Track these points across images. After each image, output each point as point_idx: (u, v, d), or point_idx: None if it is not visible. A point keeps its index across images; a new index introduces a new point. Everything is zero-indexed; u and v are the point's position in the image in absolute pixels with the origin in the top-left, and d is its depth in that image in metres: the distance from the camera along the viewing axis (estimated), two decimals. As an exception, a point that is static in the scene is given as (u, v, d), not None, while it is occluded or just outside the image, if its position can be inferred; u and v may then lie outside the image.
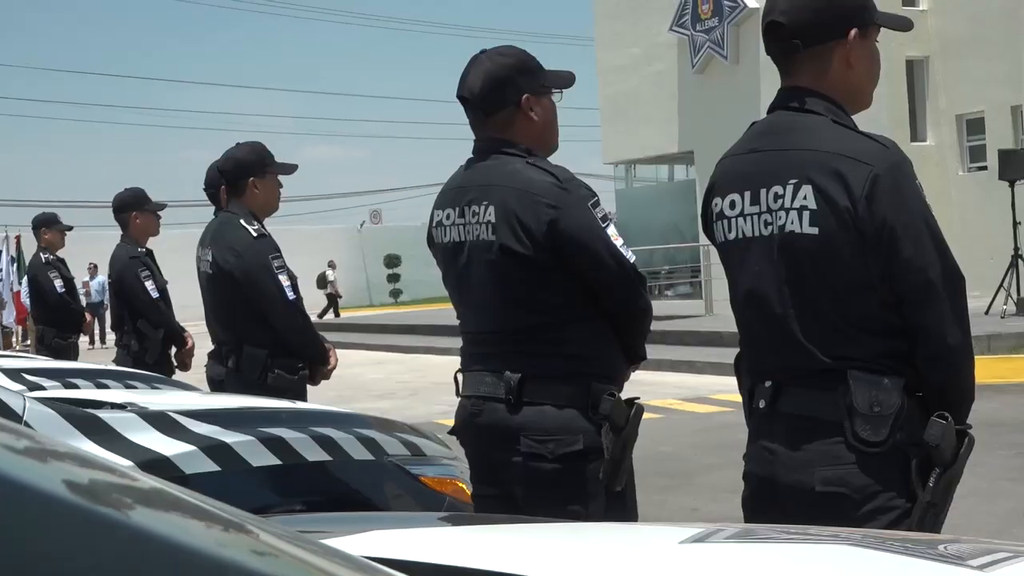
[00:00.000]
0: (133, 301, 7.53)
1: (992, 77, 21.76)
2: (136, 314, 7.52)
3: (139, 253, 7.60)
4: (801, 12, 2.73)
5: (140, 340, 7.48)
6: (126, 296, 7.59)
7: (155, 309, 7.51)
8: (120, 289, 7.65)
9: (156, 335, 7.48)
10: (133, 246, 7.65)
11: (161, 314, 7.54)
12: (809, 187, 2.62)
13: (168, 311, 7.62)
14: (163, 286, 7.62)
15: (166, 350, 7.57)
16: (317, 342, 5.53)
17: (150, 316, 7.49)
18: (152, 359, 7.40)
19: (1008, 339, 14.60)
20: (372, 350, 23.41)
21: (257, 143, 5.62)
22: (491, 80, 3.39)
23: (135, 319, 7.52)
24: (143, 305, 7.50)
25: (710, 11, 25.91)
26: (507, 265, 3.32)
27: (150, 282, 7.49)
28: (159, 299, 7.53)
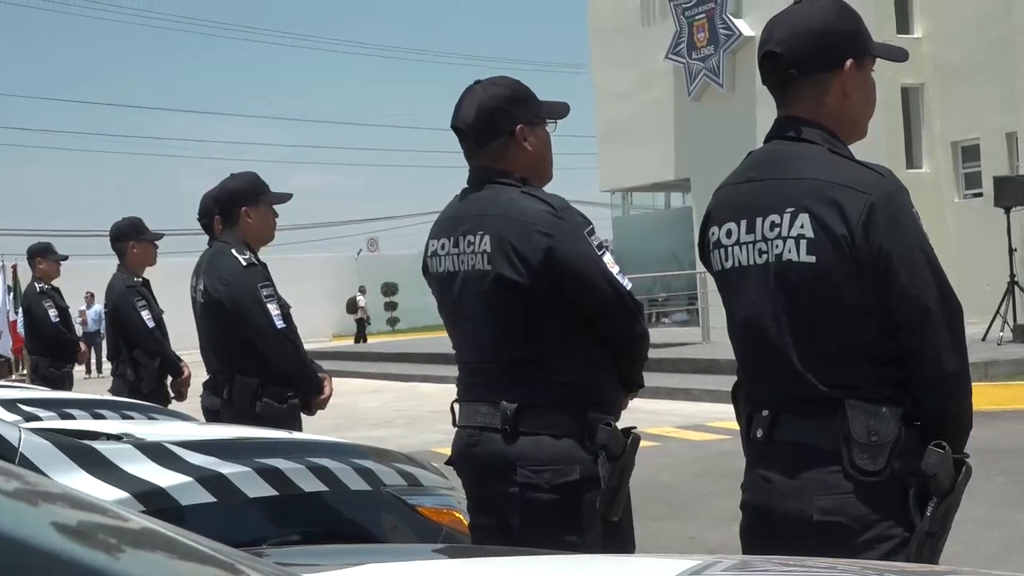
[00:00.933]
0: (129, 330, 7.54)
1: (987, 104, 21.83)
2: (132, 343, 7.52)
3: (135, 282, 7.61)
4: (797, 42, 2.74)
5: (136, 369, 7.47)
6: (122, 325, 7.59)
7: (151, 338, 7.51)
8: (116, 318, 7.65)
9: (152, 364, 7.48)
10: (129, 275, 7.65)
11: (157, 343, 7.54)
12: (806, 216, 2.62)
13: (164, 340, 7.62)
14: (159, 315, 7.63)
15: (162, 379, 7.57)
16: (308, 371, 5.53)
17: (146, 345, 7.49)
18: (148, 388, 7.40)
19: (1005, 366, 14.59)
20: (369, 378, 23.39)
21: (251, 173, 5.65)
22: (485, 111, 3.40)
23: (131, 348, 7.52)
24: (139, 334, 7.50)
25: (706, 39, 26.02)
26: (503, 294, 3.31)
27: (146, 311, 7.50)
28: (155, 328, 7.53)
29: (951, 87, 22.63)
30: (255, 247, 5.54)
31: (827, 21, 2.76)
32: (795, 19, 2.78)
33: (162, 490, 3.39)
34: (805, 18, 2.77)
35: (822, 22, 2.75)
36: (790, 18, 2.79)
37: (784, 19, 2.79)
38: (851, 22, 2.79)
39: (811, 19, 2.76)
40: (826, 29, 2.75)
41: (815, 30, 2.75)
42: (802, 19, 2.77)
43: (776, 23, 2.80)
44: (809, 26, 2.75)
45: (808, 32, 2.74)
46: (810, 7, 2.79)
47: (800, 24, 2.76)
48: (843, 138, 2.78)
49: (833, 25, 2.76)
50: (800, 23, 2.77)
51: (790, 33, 2.75)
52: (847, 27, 2.78)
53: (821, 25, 2.75)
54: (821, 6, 2.79)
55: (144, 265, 7.80)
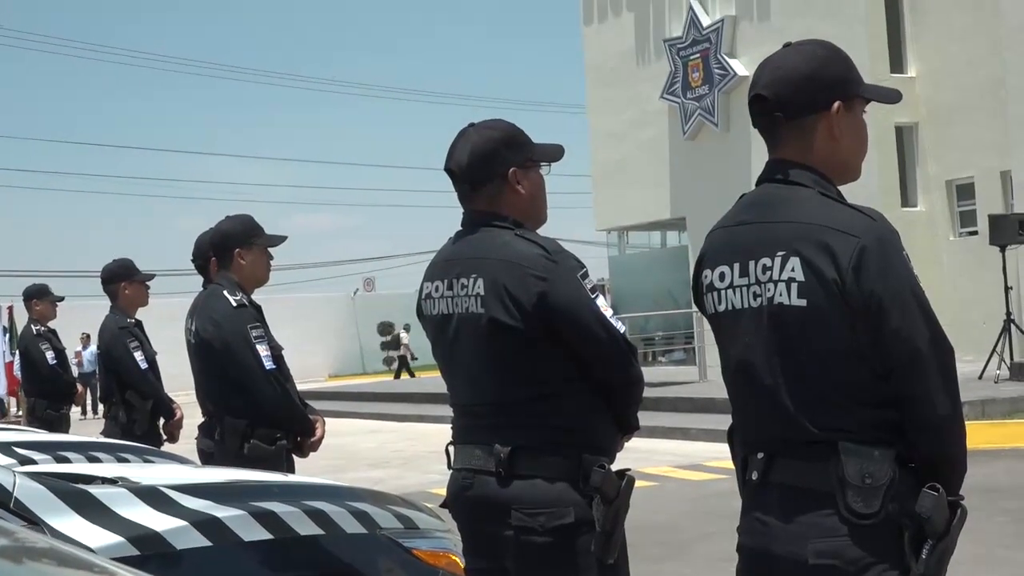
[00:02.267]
0: (121, 372, 7.52)
1: (981, 143, 21.91)
2: (125, 385, 7.51)
3: (128, 324, 7.61)
4: (784, 85, 2.76)
5: (128, 411, 7.46)
6: (115, 367, 7.58)
7: (144, 380, 7.50)
8: (109, 360, 7.64)
9: (144, 406, 7.47)
10: (122, 316, 7.65)
11: (150, 385, 7.53)
12: (797, 259, 2.63)
13: (157, 382, 7.61)
14: (152, 357, 7.62)
15: (155, 421, 7.55)
16: (298, 413, 5.53)
17: (139, 387, 7.48)
18: (141, 430, 7.38)
19: (1002, 404, 14.58)
20: (365, 418, 23.35)
21: (245, 215, 5.67)
22: (477, 154, 3.42)
23: (124, 390, 7.51)
24: (132, 376, 7.49)
25: (700, 79, 26.15)
26: (496, 337, 3.32)
27: (139, 353, 7.49)
28: (147, 370, 7.52)
29: (945, 126, 22.72)
30: (249, 289, 5.57)
31: (813, 65, 2.77)
32: (782, 62, 2.80)
33: (157, 534, 3.39)
34: (792, 62, 2.79)
35: (809, 66, 2.77)
36: (778, 61, 2.81)
37: (772, 63, 2.82)
38: (840, 66, 2.81)
39: (798, 63, 2.78)
40: (811, 73, 2.76)
41: (801, 74, 2.76)
42: (789, 63, 2.79)
43: (764, 66, 2.82)
44: (796, 70, 2.77)
45: (794, 76, 2.76)
46: (798, 51, 2.81)
47: (787, 67, 2.78)
48: (834, 180, 2.79)
49: (820, 69, 2.77)
50: (787, 66, 2.78)
51: (777, 77, 2.77)
52: (835, 71, 2.79)
53: (807, 69, 2.76)
54: (809, 50, 2.81)
55: (137, 306, 7.81)
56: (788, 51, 2.83)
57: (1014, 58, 20.58)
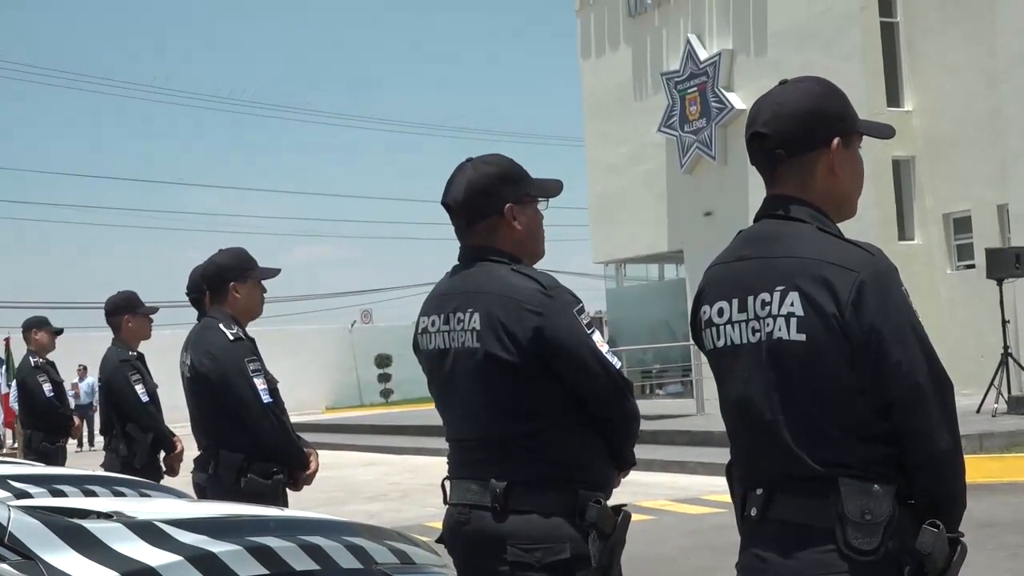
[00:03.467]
0: (123, 404, 7.51)
1: (977, 176, 21.98)
2: (125, 418, 7.49)
3: (130, 356, 7.59)
4: (784, 123, 2.76)
5: (129, 444, 7.44)
6: (116, 399, 7.56)
7: (144, 413, 7.48)
8: (110, 392, 7.62)
9: (145, 439, 7.45)
10: (124, 349, 7.64)
11: (151, 418, 7.51)
12: (796, 294, 2.63)
13: (158, 415, 7.60)
14: (153, 389, 7.60)
15: (155, 454, 7.52)
16: (294, 446, 5.51)
17: (139, 420, 7.46)
18: (141, 463, 7.36)
19: (1000, 438, 14.54)
20: (363, 451, 23.31)
21: (239, 248, 5.68)
22: (474, 189, 3.42)
23: (124, 423, 7.49)
24: (132, 409, 7.47)
25: (698, 112, 26.25)
26: (492, 372, 3.31)
27: (140, 386, 7.48)
28: (149, 403, 7.51)
29: (942, 159, 22.80)
30: (243, 322, 5.57)
31: (813, 101, 2.78)
32: (781, 99, 2.80)
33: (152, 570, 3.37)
34: (791, 98, 2.79)
35: (808, 102, 2.78)
36: (776, 98, 2.81)
37: (770, 100, 2.82)
38: (837, 101, 2.81)
39: (797, 99, 2.78)
40: (812, 109, 2.77)
41: (801, 110, 2.76)
42: (788, 99, 2.79)
43: (762, 104, 2.82)
44: (795, 106, 2.77)
45: (794, 113, 2.76)
46: (795, 87, 2.82)
47: (786, 104, 2.78)
48: (832, 216, 2.79)
49: (819, 105, 2.78)
50: (786, 103, 2.78)
51: (776, 114, 2.78)
52: (833, 107, 2.80)
53: (807, 105, 2.77)
54: (806, 86, 2.82)
55: (139, 339, 7.80)
56: (786, 88, 2.83)
57: (1010, 91, 20.68)
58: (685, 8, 26.94)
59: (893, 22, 23.64)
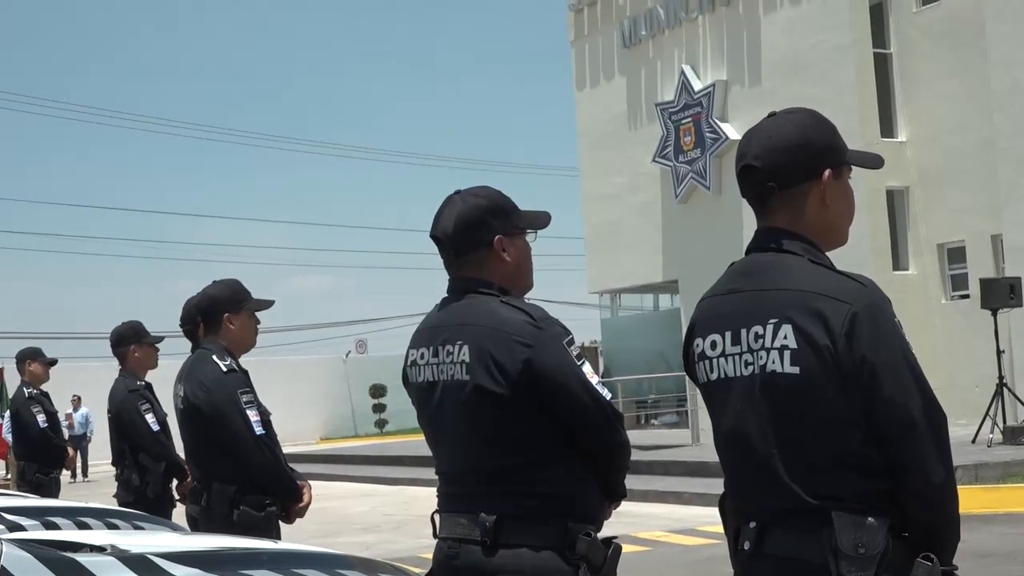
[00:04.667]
0: (133, 435, 7.47)
1: (971, 207, 22.04)
2: (137, 448, 7.45)
3: (138, 386, 7.57)
4: (776, 156, 2.76)
5: (141, 474, 7.38)
6: (126, 430, 7.52)
7: (156, 442, 7.45)
8: (120, 423, 7.58)
9: (158, 468, 7.40)
10: (132, 379, 7.62)
11: (163, 447, 7.47)
12: (789, 327, 2.63)
13: (169, 444, 7.55)
14: (163, 418, 7.57)
15: (168, 483, 7.48)
16: (286, 478, 5.50)
17: (151, 450, 7.42)
18: (154, 493, 7.32)
19: (995, 468, 14.52)
20: (357, 482, 23.25)
21: (233, 280, 5.68)
22: (463, 221, 3.43)
23: (136, 453, 7.44)
24: (143, 439, 7.43)
25: (692, 143, 26.32)
26: (481, 405, 3.30)
27: (150, 415, 7.45)
28: (160, 432, 7.48)
29: (936, 189, 22.86)
30: (237, 353, 5.56)
31: (803, 133, 2.78)
32: (770, 132, 2.80)
33: (145, 603, 3.35)
34: (781, 131, 2.79)
35: (798, 135, 2.78)
36: (765, 131, 2.81)
37: (760, 132, 2.82)
38: (827, 133, 2.82)
39: (787, 132, 2.79)
40: (802, 142, 2.77)
41: (792, 143, 2.77)
42: (777, 132, 2.79)
43: (752, 137, 2.83)
44: (785, 139, 2.77)
45: (785, 145, 2.77)
46: (785, 119, 2.82)
47: (776, 137, 2.78)
48: (824, 246, 2.80)
49: (809, 137, 2.78)
50: (776, 136, 2.79)
51: (767, 147, 2.78)
52: (823, 138, 2.81)
53: (797, 138, 2.77)
54: (795, 119, 2.82)
55: (146, 369, 7.78)
56: (775, 120, 2.84)
57: (1003, 122, 20.77)
58: (679, 39, 27.05)
59: (886, 53, 23.75)
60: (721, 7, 25.95)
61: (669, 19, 27.20)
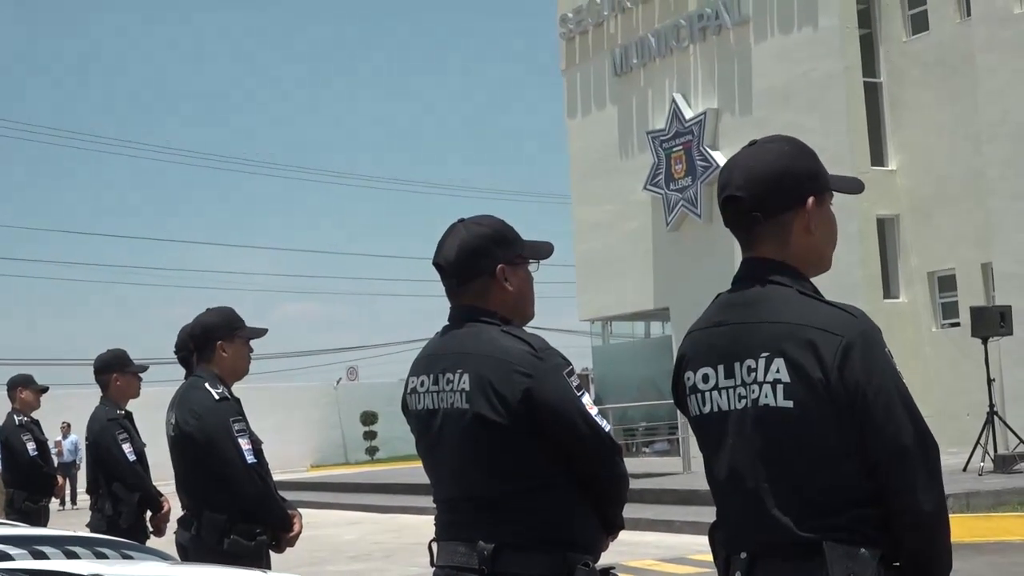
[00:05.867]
0: (109, 464, 7.44)
1: (961, 235, 22.11)
2: (111, 477, 7.43)
3: (117, 415, 7.54)
4: (759, 185, 2.75)
5: (115, 504, 7.36)
6: (102, 459, 7.49)
7: (131, 472, 7.42)
8: (96, 451, 7.56)
9: (131, 499, 7.38)
10: (112, 407, 7.59)
11: (137, 477, 7.44)
12: (781, 360, 2.63)
13: (145, 474, 7.53)
14: (141, 449, 7.53)
15: (141, 514, 7.45)
16: (278, 507, 5.48)
17: (125, 479, 7.39)
18: (127, 523, 7.28)
19: (986, 497, 14.50)
20: (347, 510, 23.15)
21: (226, 308, 5.67)
22: (466, 249, 3.43)
23: (110, 482, 7.42)
24: (118, 468, 7.40)
25: (683, 171, 26.39)
26: (481, 433, 3.30)
27: (127, 445, 7.41)
28: (135, 462, 7.44)
29: (926, 218, 22.94)
30: (229, 381, 5.55)
31: (785, 162, 2.77)
32: (752, 162, 2.78)
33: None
34: (762, 160, 2.78)
35: (780, 163, 2.76)
36: (747, 161, 2.79)
37: (741, 163, 2.80)
38: (808, 160, 2.80)
39: (768, 161, 2.77)
40: (785, 170, 2.76)
41: (775, 172, 2.75)
42: (759, 161, 2.78)
43: (734, 167, 2.80)
44: (768, 168, 2.76)
45: (767, 174, 2.75)
46: (765, 149, 2.81)
47: (758, 167, 2.77)
48: (809, 272, 2.78)
49: (791, 166, 2.77)
50: (758, 165, 2.77)
51: (749, 177, 2.76)
52: (805, 166, 2.79)
53: (780, 167, 2.76)
54: (776, 147, 2.80)
55: (128, 397, 7.75)
56: (755, 149, 2.82)
57: (993, 151, 20.86)
58: (670, 67, 27.15)
59: (876, 82, 23.86)
60: (712, 36, 26.06)
61: (660, 48, 27.31)
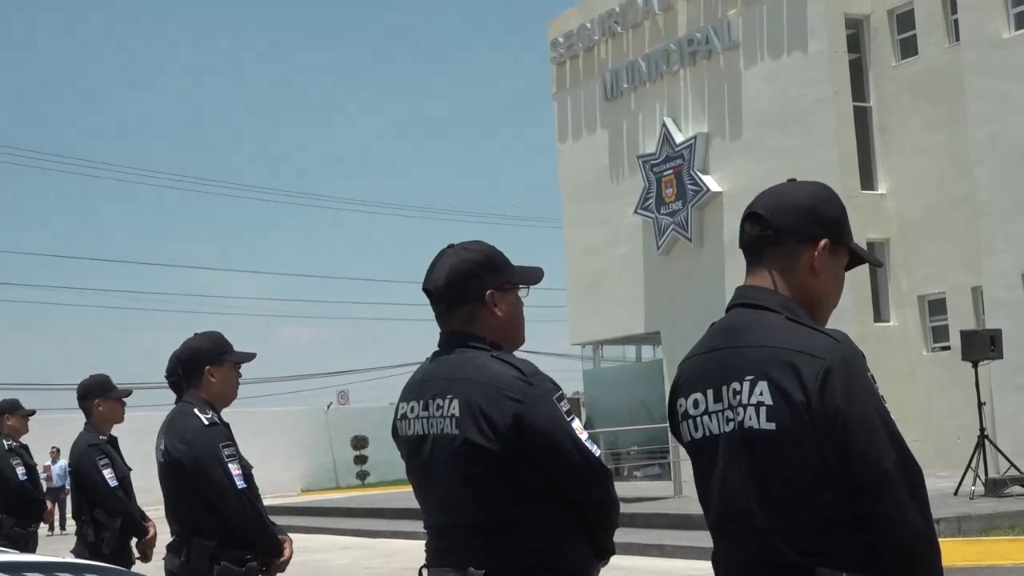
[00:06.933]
0: (91, 489, 7.41)
1: (951, 259, 22.16)
2: (93, 503, 7.39)
3: (100, 441, 7.50)
4: (782, 210, 2.85)
5: (97, 530, 7.32)
6: (84, 484, 7.47)
7: (112, 498, 7.37)
8: (78, 477, 7.53)
9: (113, 524, 7.34)
10: (95, 433, 7.56)
11: (119, 503, 7.40)
12: (765, 383, 2.66)
13: (127, 500, 7.48)
14: (124, 474, 7.50)
15: (125, 540, 7.41)
16: (268, 533, 5.45)
17: (107, 505, 7.36)
18: (109, 549, 7.24)
19: (978, 520, 14.49)
20: (337, 534, 23.08)
21: (215, 332, 5.65)
22: (456, 275, 3.43)
23: (93, 508, 7.39)
24: (100, 494, 7.37)
25: (674, 195, 26.43)
26: (471, 459, 3.29)
27: (108, 470, 7.37)
28: (117, 487, 7.40)
29: (916, 242, 22.99)
30: (218, 406, 5.53)
31: (814, 201, 2.87)
32: (786, 191, 2.91)
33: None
34: (795, 192, 2.90)
35: (809, 200, 2.87)
36: (781, 189, 2.92)
37: (775, 190, 2.92)
38: (836, 209, 2.90)
39: (800, 194, 2.89)
40: (812, 207, 2.86)
41: (802, 204, 2.85)
42: (792, 192, 2.90)
43: (766, 192, 2.92)
44: (797, 200, 2.87)
45: (795, 204, 2.85)
46: (801, 185, 2.93)
47: (787, 196, 2.88)
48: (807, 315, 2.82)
49: (819, 206, 2.87)
50: (788, 195, 2.89)
51: (777, 201, 2.87)
52: (832, 212, 2.88)
53: (808, 202, 2.86)
54: (813, 188, 2.91)
55: (111, 423, 7.71)
56: (792, 184, 2.94)
57: (982, 175, 20.92)
58: (661, 92, 27.23)
59: (866, 106, 23.94)
60: (702, 60, 26.14)
61: (651, 72, 27.40)
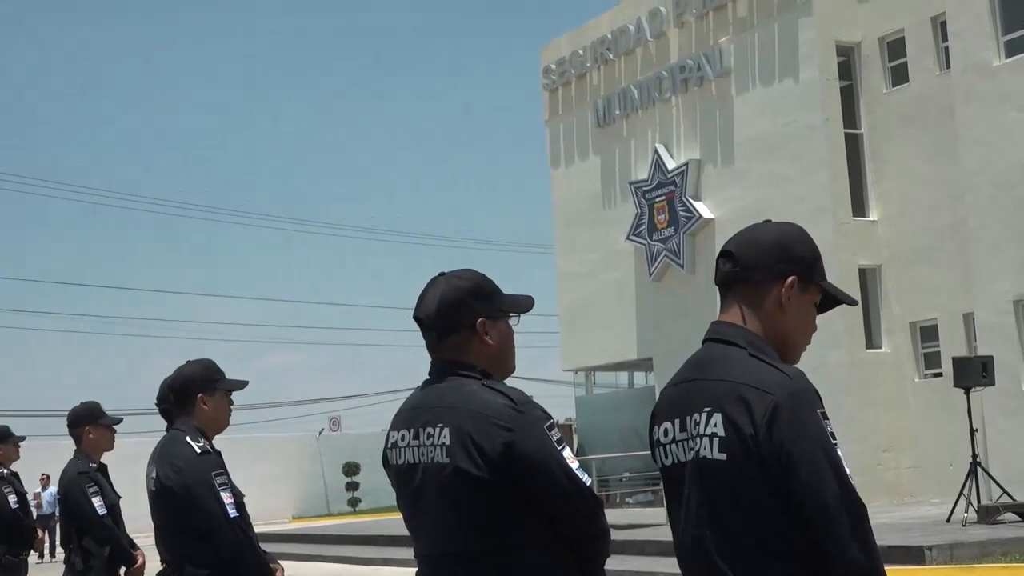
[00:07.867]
0: (78, 517, 7.36)
1: (943, 286, 22.20)
2: (82, 531, 7.35)
3: (89, 468, 7.45)
4: (751, 247, 2.93)
5: (85, 558, 7.28)
6: (72, 512, 7.43)
7: (100, 526, 7.33)
8: (67, 505, 7.49)
9: (102, 553, 7.30)
10: (84, 461, 7.51)
11: (107, 531, 7.35)
12: (719, 415, 2.75)
13: (116, 528, 7.43)
14: (113, 502, 7.45)
15: (113, 568, 7.36)
16: (260, 562, 5.42)
17: (95, 533, 7.31)
18: None
19: (970, 548, 14.44)
20: (329, 562, 22.98)
21: (207, 360, 5.63)
22: (446, 303, 3.43)
23: (81, 536, 7.35)
24: (88, 521, 7.32)
25: (666, 221, 26.48)
26: (461, 488, 3.28)
27: (97, 498, 7.32)
28: (106, 515, 7.35)
29: (908, 268, 23.03)
30: (210, 434, 5.50)
31: (783, 239, 2.95)
32: (756, 229, 3.00)
33: None
34: (764, 231, 2.98)
35: (778, 238, 2.95)
36: (754, 228, 3.01)
37: (747, 229, 3.01)
38: (806, 248, 2.96)
39: (769, 233, 2.97)
40: (780, 244, 2.93)
41: (770, 242, 2.94)
42: (762, 231, 2.98)
43: (740, 232, 3.01)
44: (765, 238, 2.95)
45: (762, 242, 2.94)
46: (774, 224, 3.01)
47: (758, 234, 2.97)
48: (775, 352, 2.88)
49: (788, 244, 2.94)
50: (759, 233, 2.98)
51: (747, 239, 2.96)
52: (801, 250, 2.95)
53: (776, 240, 2.94)
54: (784, 227, 3.00)
55: (101, 450, 7.67)
56: (766, 224, 3.02)
57: (973, 202, 20.97)
58: (653, 118, 27.31)
59: (857, 133, 24.03)
60: (694, 87, 26.24)
61: (643, 99, 27.49)
